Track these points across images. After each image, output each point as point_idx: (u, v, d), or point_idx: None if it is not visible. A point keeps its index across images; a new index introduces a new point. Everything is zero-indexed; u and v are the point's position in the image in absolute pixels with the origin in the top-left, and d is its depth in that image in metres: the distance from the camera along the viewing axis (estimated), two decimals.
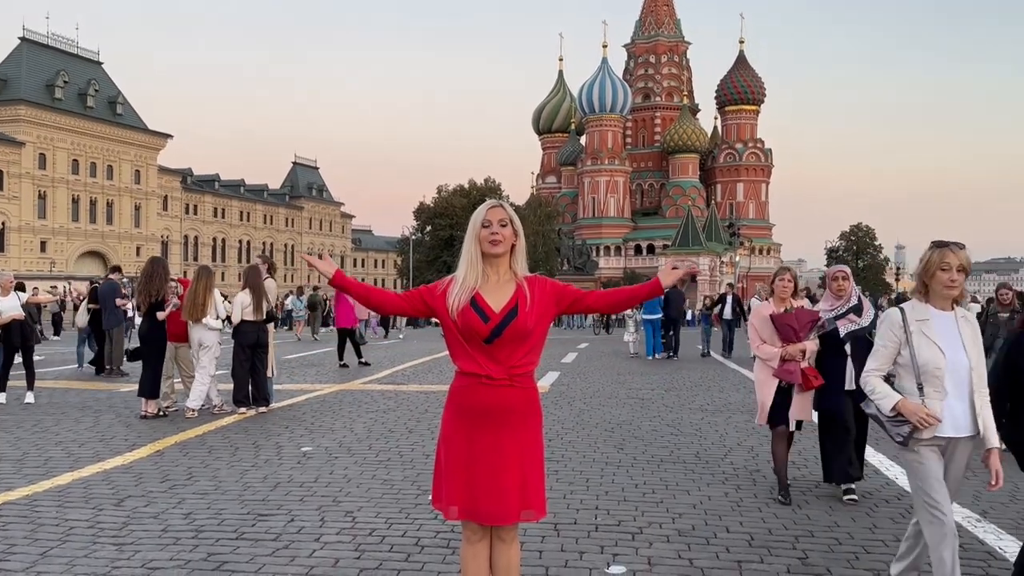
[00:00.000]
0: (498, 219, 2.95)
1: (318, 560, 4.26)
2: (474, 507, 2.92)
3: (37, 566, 4.16)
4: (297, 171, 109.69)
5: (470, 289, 2.92)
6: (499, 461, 2.92)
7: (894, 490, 5.86)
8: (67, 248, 73.47)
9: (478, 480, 2.91)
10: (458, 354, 2.98)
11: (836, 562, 4.28)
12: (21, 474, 6.24)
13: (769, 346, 5.53)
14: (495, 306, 2.91)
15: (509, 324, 2.89)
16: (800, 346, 5.43)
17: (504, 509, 2.91)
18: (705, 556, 4.36)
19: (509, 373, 2.93)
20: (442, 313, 2.96)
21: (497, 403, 2.93)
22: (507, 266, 2.99)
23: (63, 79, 74.28)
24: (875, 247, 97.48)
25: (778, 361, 5.44)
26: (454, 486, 2.94)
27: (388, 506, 5.33)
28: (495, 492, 2.90)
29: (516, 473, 2.93)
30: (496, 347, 2.91)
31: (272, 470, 6.40)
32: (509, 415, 2.94)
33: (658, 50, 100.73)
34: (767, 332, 5.57)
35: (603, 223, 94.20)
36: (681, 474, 6.35)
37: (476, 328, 2.89)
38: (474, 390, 2.94)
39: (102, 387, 11.93)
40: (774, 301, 5.66)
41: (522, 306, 2.92)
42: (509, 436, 2.93)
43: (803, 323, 5.47)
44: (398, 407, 9.99)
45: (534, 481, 2.98)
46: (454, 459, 2.96)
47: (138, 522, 4.95)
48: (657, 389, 12.33)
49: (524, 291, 2.95)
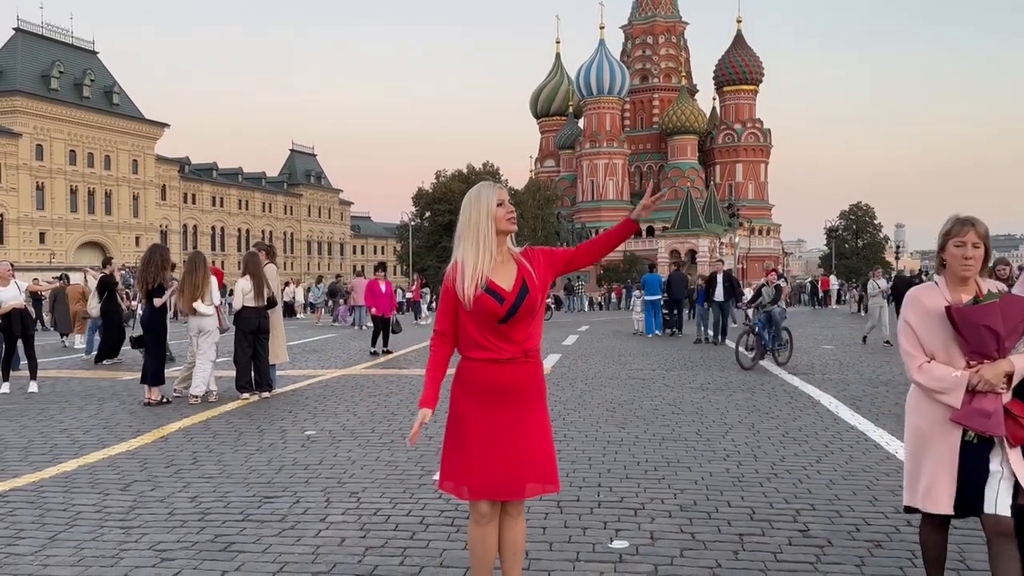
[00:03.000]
0: (506, 198, 3.02)
1: (324, 539, 4.30)
2: (491, 485, 2.93)
3: (46, 550, 4.20)
4: (295, 158, 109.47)
5: (483, 272, 2.92)
6: (516, 437, 2.95)
7: (894, 464, 5.89)
8: (66, 239, 73.45)
9: (496, 457, 2.93)
10: (473, 342, 2.98)
11: (837, 534, 4.32)
12: (27, 461, 6.28)
13: (942, 366, 3.03)
14: (506, 286, 2.93)
15: (523, 302, 2.92)
16: (1006, 365, 2.95)
17: (521, 484, 2.95)
18: (707, 530, 4.40)
19: (523, 349, 2.97)
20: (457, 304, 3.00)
21: (510, 380, 2.96)
22: (505, 245, 3.03)
23: (58, 69, 74.01)
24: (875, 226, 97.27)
25: (962, 394, 2.96)
26: (468, 466, 2.95)
27: (392, 486, 5.37)
28: (512, 467, 2.93)
29: (532, 447, 2.97)
30: (509, 326, 2.94)
31: (276, 453, 6.44)
32: (521, 391, 2.98)
33: (655, 31, 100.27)
34: (937, 338, 3.04)
35: (602, 206, 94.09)
36: (682, 451, 6.39)
37: (492, 310, 2.91)
38: (486, 369, 2.96)
39: (104, 375, 11.97)
40: (948, 280, 3.11)
41: (530, 282, 2.96)
42: (523, 411, 2.98)
43: (1013, 323, 2.97)
44: (400, 391, 10.03)
45: (548, 454, 3.03)
46: (468, 439, 2.96)
47: (144, 506, 4.99)
48: (658, 369, 12.38)
49: (526, 267, 2.99)
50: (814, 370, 11.92)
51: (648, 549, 4.11)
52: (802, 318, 29.19)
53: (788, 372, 11.64)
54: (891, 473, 5.63)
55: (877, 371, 11.70)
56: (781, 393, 9.58)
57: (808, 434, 7.04)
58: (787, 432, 7.14)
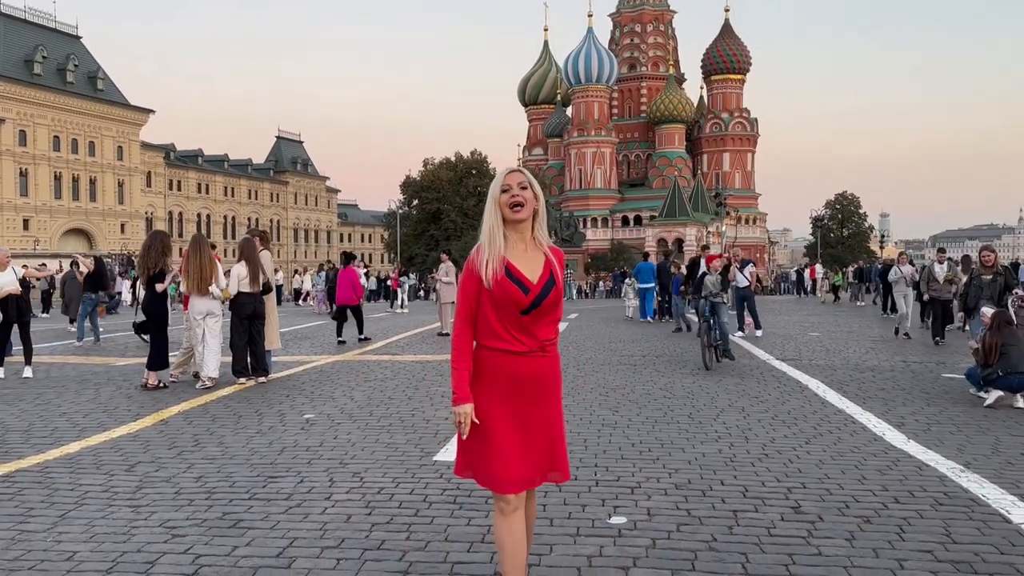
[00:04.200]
0: (517, 182, 2.92)
1: (331, 516, 4.42)
2: (516, 475, 2.94)
3: (58, 527, 4.30)
4: (281, 145, 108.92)
5: (498, 257, 2.89)
6: (537, 426, 2.98)
7: (881, 446, 6.06)
8: (50, 226, 72.89)
9: (519, 448, 2.94)
10: (492, 331, 2.93)
11: (827, 510, 4.47)
12: (30, 444, 6.35)
13: None
14: (531, 277, 2.91)
15: (548, 295, 2.91)
16: None
17: (543, 472, 3.02)
18: (702, 507, 4.55)
19: (540, 343, 2.95)
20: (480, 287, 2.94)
21: (528, 371, 2.95)
22: (531, 233, 2.97)
23: (41, 54, 73.26)
24: (860, 215, 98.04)
25: None
26: (491, 458, 2.94)
27: (394, 467, 5.48)
28: (536, 457, 2.98)
29: (552, 436, 3.02)
30: (532, 319, 2.92)
31: (277, 436, 6.54)
32: (540, 381, 2.98)
33: (643, 19, 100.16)
34: None
35: (590, 195, 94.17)
36: (675, 433, 6.54)
37: (516, 299, 2.88)
38: (503, 359, 2.93)
39: (99, 361, 12.01)
40: None
41: (556, 276, 2.94)
42: (541, 402, 2.98)
43: None
44: (395, 376, 10.13)
45: (562, 444, 3.07)
46: (488, 431, 2.94)
47: (151, 486, 5.08)
48: (648, 355, 12.53)
49: (552, 261, 2.96)
50: (801, 356, 12.11)
51: (646, 524, 4.25)
52: (788, 306, 29.49)
53: (776, 358, 11.82)
54: (878, 454, 5.80)
55: (863, 357, 11.90)
56: (770, 378, 9.75)
57: (797, 417, 7.21)
58: (776, 415, 7.30)
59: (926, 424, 6.88)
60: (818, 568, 3.65)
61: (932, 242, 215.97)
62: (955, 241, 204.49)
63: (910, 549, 3.88)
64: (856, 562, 3.72)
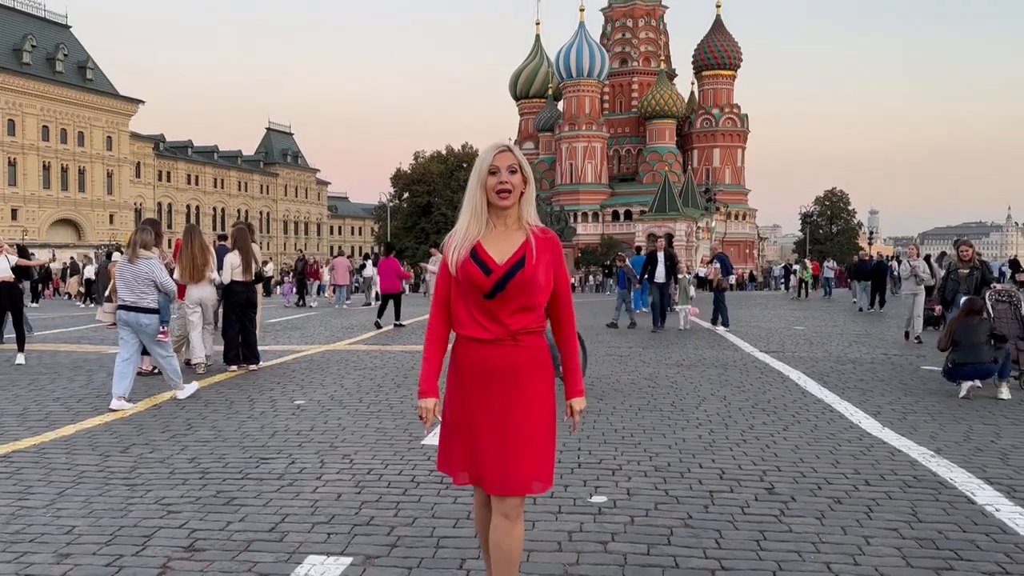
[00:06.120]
0: (507, 165, 2.65)
1: (322, 495, 4.57)
2: (479, 473, 2.70)
3: (56, 504, 4.43)
4: (271, 137, 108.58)
5: (472, 240, 2.67)
6: (502, 426, 2.66)
7: (857, 432, 6.25)
8: (39, 216, 72.52)
9: (481, 445, 2.67)
10: (459, 317, 2.72)
11: (800, 491, 4.65)
12: (25, 426, 6.47)
13: None
14: (498, 258, 2.64)
15: (513, 277, 2.62)
16: None
17: (506, 478, 2.64)
18: (680, 487, 4.72)
19: (511, 332, 2.65)
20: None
21: (496, 362, 2.66)
22: (516, 215, 2.72)
23: (31, 43, 72.74)
24: (849, 212, 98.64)
25: None
26: (460, 450, 2.74)
27: (383, 450, 5.64)
28: (498, 459, 2.65)
29: (521, 439, 2.65)
30: (498, 303, 2.64)
31: (268, 420, 6.68)
32: (511, 376, 2.67)
33: (635, 14, 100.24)
34: None
35: (581, 189, 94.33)
36: (658, 420, 6.71)
37: (477, 282, 2.63)
38: (474, 349, 2.69)
39: (90, 349, 12.10)
40: None
41: (529, 258, 2.64)
42: (513, 398, 2.66)
43: None
44: (384, 365, 10.28)
45: (543, 448, 2.70)
46: (456, 422, 2.74)
47: (146, 466, 5.22)
48: (634, 347, 12.71)
49: (530, 243, 2.67)
50: (785, 349, 12.31)
51: (625, 503, 4.42)
52: (776, 301, 29.73)
53: (760, 351, 12.02)
54: (853, 440, 5.99)
55: (845, 350, 12.11)
56: (752, 369, 9.95)
57: (777, 406, 7.40)
58: (757, 404, 7.49)
59: (902, 413, 7.08)
60: (788, 544, 3.83)
61: (921, 239, 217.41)
62: (944, 238, 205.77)
63: (877, 527, 4.06)
64: (825, 539, 3.90)
